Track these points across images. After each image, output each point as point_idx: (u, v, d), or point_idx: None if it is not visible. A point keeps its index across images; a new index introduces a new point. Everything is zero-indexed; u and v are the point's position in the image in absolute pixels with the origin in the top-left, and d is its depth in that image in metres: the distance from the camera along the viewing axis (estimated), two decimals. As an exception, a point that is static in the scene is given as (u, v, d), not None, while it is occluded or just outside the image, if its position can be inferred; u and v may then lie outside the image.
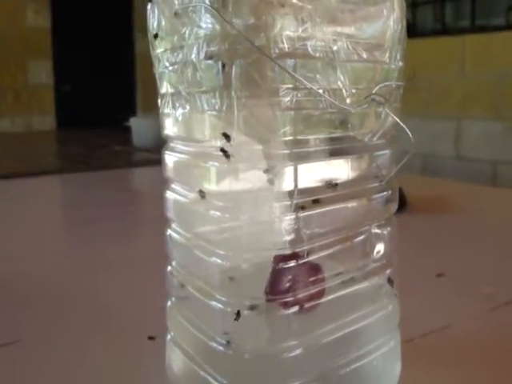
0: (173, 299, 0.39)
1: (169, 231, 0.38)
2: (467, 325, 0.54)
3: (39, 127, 3.76)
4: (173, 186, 0.37)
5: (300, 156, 0.31)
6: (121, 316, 0.56)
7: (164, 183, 0.38)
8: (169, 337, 0.40)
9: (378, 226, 0.36)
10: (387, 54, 0.32)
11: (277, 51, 0.28)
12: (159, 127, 0.36)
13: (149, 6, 0.33)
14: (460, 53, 2.68)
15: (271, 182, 0.31)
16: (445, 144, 2.78)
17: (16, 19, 3.79)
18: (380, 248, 0.36)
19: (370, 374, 0.37)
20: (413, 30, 2.82)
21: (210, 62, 0.29)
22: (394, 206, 0.37)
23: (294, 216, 0.31)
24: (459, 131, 2.74)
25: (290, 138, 0.30)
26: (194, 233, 0.35)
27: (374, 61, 0.32)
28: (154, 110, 0.37)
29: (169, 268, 0.39)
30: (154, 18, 0.33)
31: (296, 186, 0.31)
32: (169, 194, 0.37)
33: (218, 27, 0.28)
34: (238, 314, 0.31)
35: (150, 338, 0.50)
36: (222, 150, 0.30)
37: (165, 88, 0.34)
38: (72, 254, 0.81)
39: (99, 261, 0.75)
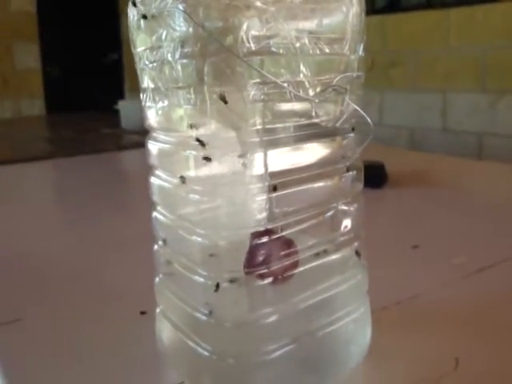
0: (160, 275, 0.43)
1: (154, 213, 0.41)
2: (439, 293, 0.57)
3: (29, 112, 3.76)
4: (157, 172, 0.40)
5: (270, 143, 0.34)
6: (115, 293, 0.59)
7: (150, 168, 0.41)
8: (158, 310, 0.44)
9: (345, 203, 0.39)
10: (347, 47, 0.36)
11: (244, 50, 0.31)
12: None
13: (129, 9, 0.36)
14: (445, 26, 2.70)
15: (245, 166, 0.34)
16: (431, 117, 2.81)
17: (0, 3, 3.77)
18: (347, 223, 0.39)
19: (342, 338, 0.40)
20: (397, 5, 2.84)
21: (184, 61, 0.32)
22: (360, 185, 0.40)
23: (266, 196, 0.35)
24: (445, 104, 2.77)
25: (260, 127, 0.33)
26: (176, 215, 0.39)
27: (334, 53, 0.35)
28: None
29: (156, 247, 0.42)
30: (134, 20, 0.36)
31: (266, 169, 0.34)
32: (153, 180, 0.40)
33: (190, 30, 0.31)
34: (218, 286, 0.35)
35: (142, 312, 0.54)
36: (198, 139, 0.33)
37: (146, 83, 0.37)
38: (67, 236, 0.84)
39: (93, 241, 0.78)
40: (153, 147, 0.39)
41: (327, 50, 0.34)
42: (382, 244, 0.44)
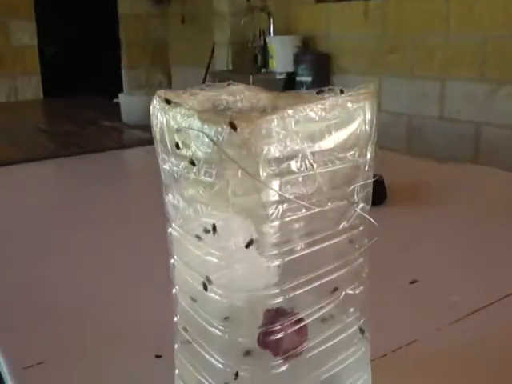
0: (178, 343, 0.46)
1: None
2: (437, 338, 0.59)
3: (24, 91, 3.74)
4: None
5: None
6: (126, 332, 0.61)
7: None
8: (176, 371, 0.46)
9: (352, 288, 0.42)
10: (357, 153, 0.38)
11: (265, 174, 0.33)
12: (148, 103, 0.40)
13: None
14: (444, 14, 2.69)
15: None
16: (429, 104, 2.82)
17: (-4, -21, 3.72)
18: (353, 306, 0.42)
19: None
20: (397, -8, 2.83)
21: (208, 179, 0.35)
22: (366, 269, 0.43)
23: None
24: (443, 92, 2.77)
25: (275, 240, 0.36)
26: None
27: (346, 161, 0.37)
28: (138, 68, 0.39)
29: (175, 319, 0.45)
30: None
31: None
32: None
33: (215, 155, 0.33)
34: (237, 374, 0.38)
35: (157, 356, 0.56)
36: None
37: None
38: (68, 258, 0.82)
39: (99, 264, 0.79)
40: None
41: (340, 160, 0.37)
42: (379, 278, 0.45)
